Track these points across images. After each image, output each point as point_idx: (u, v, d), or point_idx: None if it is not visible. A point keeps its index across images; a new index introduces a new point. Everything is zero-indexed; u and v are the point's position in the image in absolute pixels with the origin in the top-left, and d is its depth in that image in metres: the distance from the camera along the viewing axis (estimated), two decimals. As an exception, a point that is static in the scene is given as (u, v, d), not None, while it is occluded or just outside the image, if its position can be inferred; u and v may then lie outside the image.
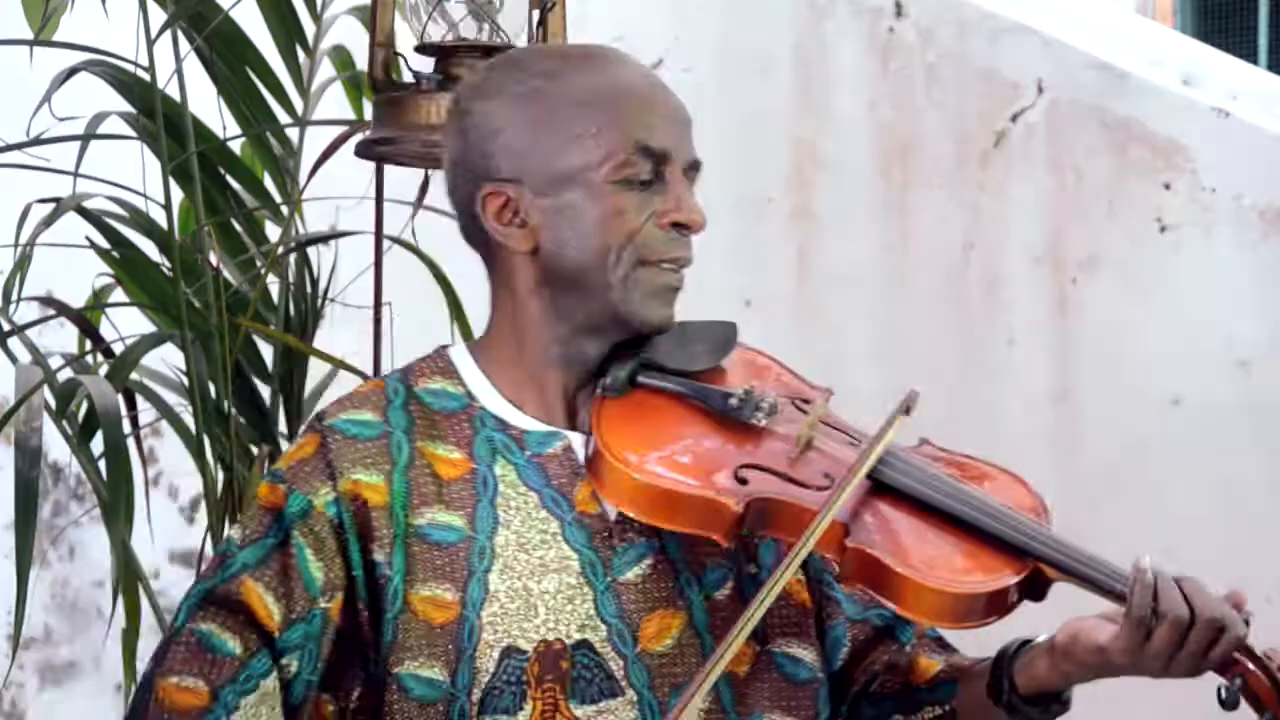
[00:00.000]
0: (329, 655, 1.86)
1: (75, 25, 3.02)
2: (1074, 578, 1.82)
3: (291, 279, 3.17)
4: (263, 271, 3.09)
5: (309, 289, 3.20)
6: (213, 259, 3.06)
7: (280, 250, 3.12)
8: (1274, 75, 3.92)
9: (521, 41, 2.79)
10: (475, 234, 1.91)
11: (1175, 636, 1.79)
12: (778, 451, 1.85)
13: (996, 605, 1.79)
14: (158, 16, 2.99)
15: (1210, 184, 3.60)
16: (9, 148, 2.92)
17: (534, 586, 1.85)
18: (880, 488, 1.84)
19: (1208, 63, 3.73)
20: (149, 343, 3.02)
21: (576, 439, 1.89)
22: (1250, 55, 6.48)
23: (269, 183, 3.23)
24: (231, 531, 1.92)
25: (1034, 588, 1.82)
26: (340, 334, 3.56)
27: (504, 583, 1.85)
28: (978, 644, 1.91)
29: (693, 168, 1.95)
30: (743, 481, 1.82)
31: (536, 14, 2.81)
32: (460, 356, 1.95)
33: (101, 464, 2.91)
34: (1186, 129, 3.62)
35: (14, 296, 3.00)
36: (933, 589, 1.77)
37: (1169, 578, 1.81)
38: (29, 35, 3.02)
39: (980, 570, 1.80)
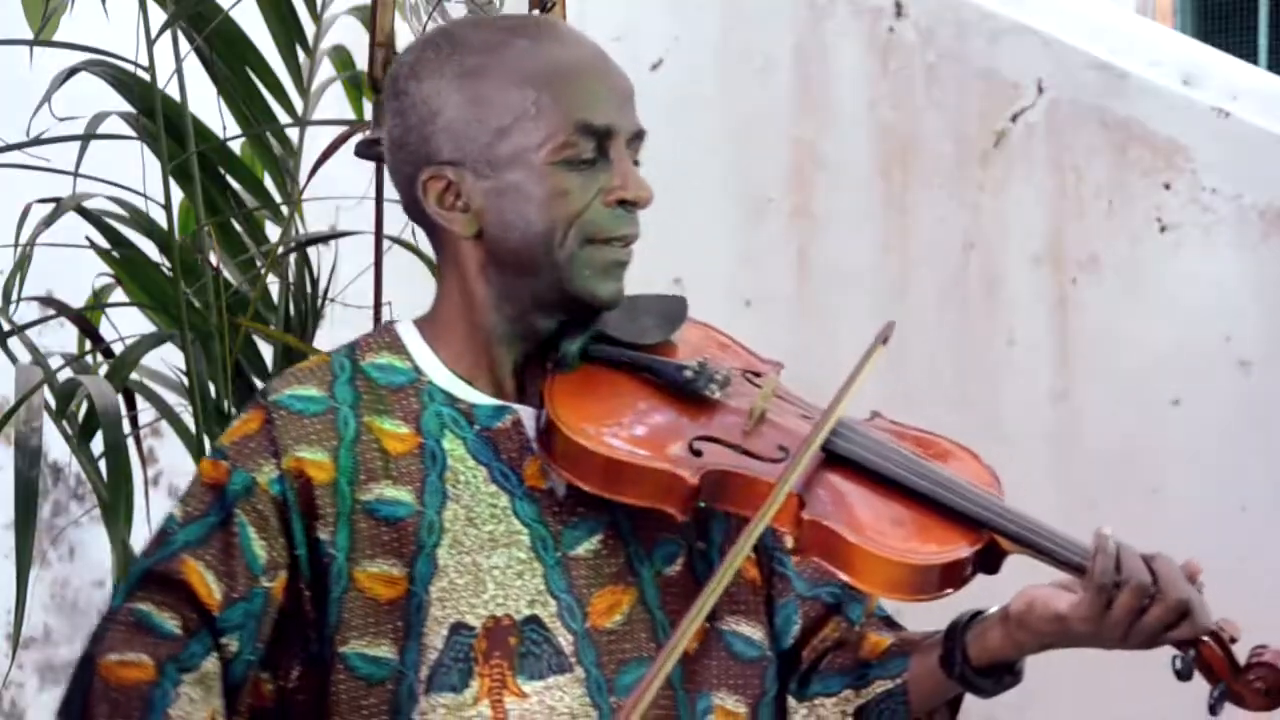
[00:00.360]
0: (270, 634, 1.84)
1: (75, 25, 3.02)
2: (1031, 549, 1.82)
3: (291, 279, 3.17)
4: (263, 271, 3.09)
5: (309, 289, 3.19)
6: (213, 259, 3.06)
7: (280, 250, 3.12)
8: (1274, 75, 3.92)
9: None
10: (419, 214, 1.90)
11: (1136, 604, 1.79)
12: (732, 424, 1.84)
13: (952, 577, 1.79)
14: (158, 16, 2.99)
15: (1210, 184, 3.60)
16: (9, 148, 2.91)
17: (483, 561, 1.83)
18: (834, 460, 1.83)
19: (1208, 63, 3.73)
20: (149, 343, 3.02)
21: (526, 413, 1.87)
22: (1250, 55, 6.48)
23: (269, 183, 3.23)
24: (172, 509, 1.88)
25: (989, 560, 1.82)
26: (340, 334, 3.55)
27: (452, 558, 1.83)
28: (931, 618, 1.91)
29: (637, 137, 1.90)
30: (697, 454, 1.81)
31: (536, 14, 2.81)
32: (407, 332, 1.93)
33: (101, 464, 2.90)
34: (1186, 129, 3.62)
35: (14, 296, 3.00)
36: (888, 560, 1.77)
37: (1131, 548, 1.81)
38: (29, 35, 3.02)
39: (935, 542, 1.79)
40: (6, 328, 2.99)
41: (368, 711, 1.83)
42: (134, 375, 3.03)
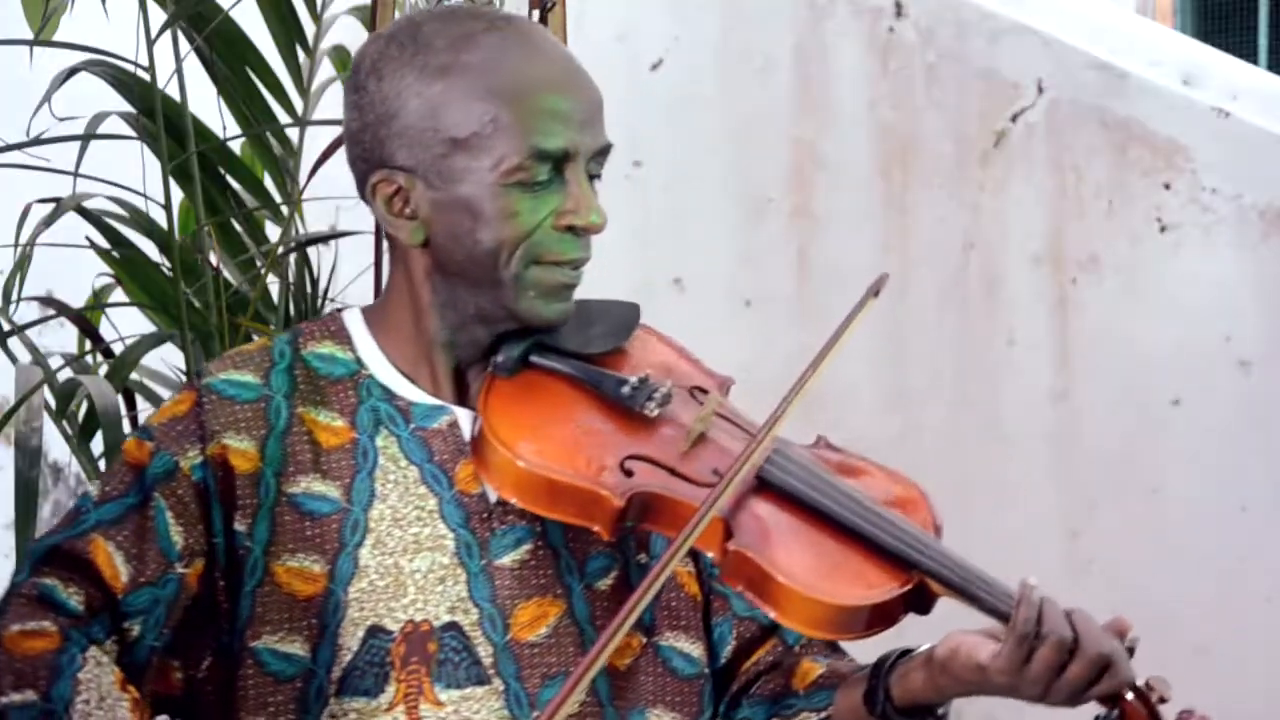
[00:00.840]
0: (180, 621, 1.80)
1: (75, 25, 3.02)
2: (959, 594, 1.76)
3: (291, 279, 3.17)
4: (263, 271, 3.09)
5: (309, 289, 3.19)
6: (213, 259, 3.05)
7: (280, 250, 3.12)
8: (1274, 75, 3.92)
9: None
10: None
11: (1056, 660, 1.72)
12: (668, 443, 1.80)
13: (880, 617, 1.74)
14: (158, 16, 2.98)
15: (1210, 184, 3.60)
16: (9, 148, 2.91)
17: (405, 564, 1.80)
18: (769, 487, 1.78)
19: (1208, 63, 3.73)
20: (149, 343, 3.01)
21: (464, 415, 1.85)
22: (1250, 55, 6.49)
23: (269, 183, 3.23)
24: (90, 486, 1.85)
25: (920, 601, 1.77)
26: (340, 334, 3.56)
27: (374, 559, 1.80)
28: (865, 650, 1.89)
29: (601, 154, 1.84)
30: (628, 473, 1.76)
31: (536, 14, 2.81)
32: (354, 321, 1.90)
33: (101, 464, 2.90)
34: (1186, 129, 3.62)
35: (14, 296, 3.00)
36: (812, 600, 1.72)
37: (1055, 602, 1.74)
38: (29, 35, 3.02)
39: (863, 581, 1.74)
40: (6, 328, 2.99)
41: (274, 709, 1.80)
42: (134, 375, 3.03)
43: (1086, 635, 1.72)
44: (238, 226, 3.17)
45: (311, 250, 3.24)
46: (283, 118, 3.17)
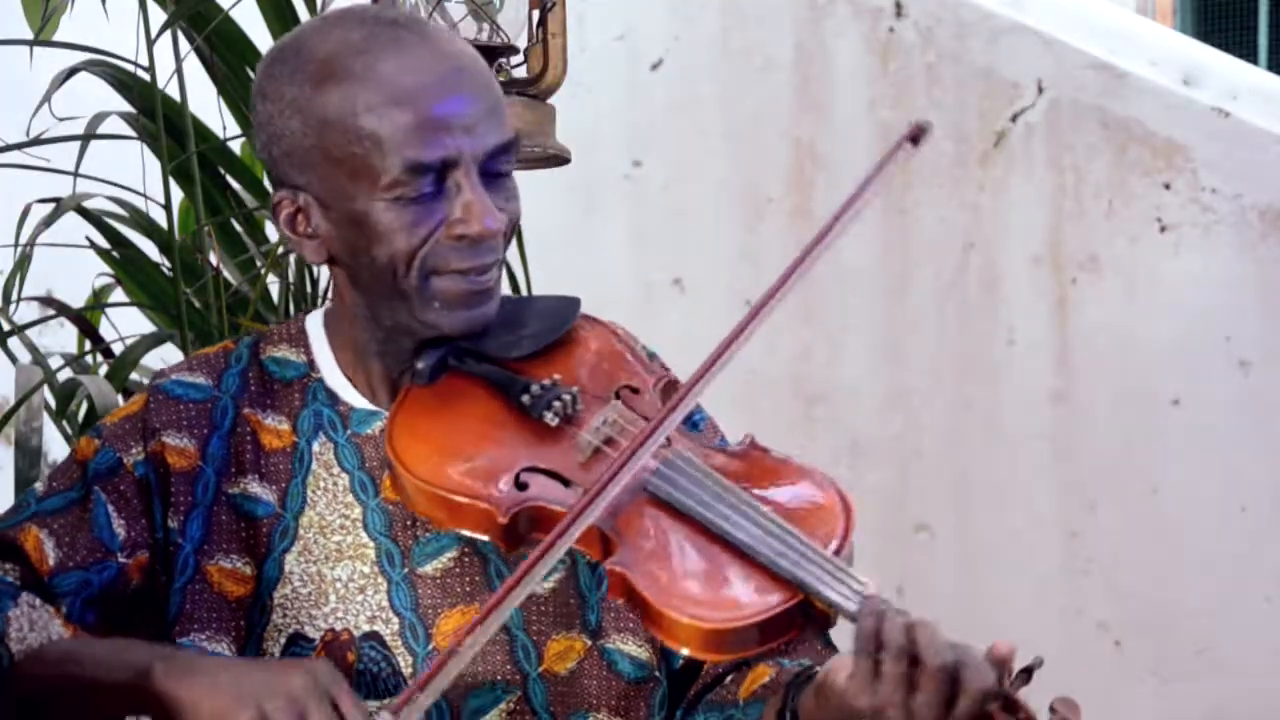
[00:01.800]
0: (125, 611, 1.81)
1: (75, 25, 3.02)
2: (839, 613, 1.66)
3: (291, 279, 3.17)
4: (263, 271, 3.09)
5: (309, 289, 3.19)
6: (213, 259, 3.05)
7: (280, 250, 3.12)
8: (1274, 75, 3.92)
9: (521, 41, 2.78)
10: None
11: (900, 673, 1.62)
12: (569, 453, 1.76)
13: (772, 632, 1.66)
14: (158, 16, 2.98)
15: (1210, 184, 3.60)
16: (9, 148, 2.91)
17: (327, 572, 1.80)
18: (655, 498, 1.72)
19: (1208, 63, 3.73)
20: (149, 343, 3.01)
21: None
22: (1250, 55, 6.49)
23: (269, 183, 3.23)
24: (37, 483, 1.88)
25: (815, 615, 1.68)
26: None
27: (299, 565, 1.80)
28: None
29: (499, 153, 1.79)
30: (522, 486, 1.73)
31: (536, 14, 2.81)
32: (314, 325, 1.90)
33: (101, 464, 2.90)
34: (1186, 129, 3.62)
35: (14, 296, 3.00)
36: (689, 624, 1.65)
37: (896, 615, 1.63)
38: (29, 35, 3.01)
39: (745, 598, 1.66)
40: (6, 328, 2.98)
41: None
42: (134, 375, 3.02)
43: (926, 646, 1.62)
44: (238, 226, 3.17)
45: (311, 250, 3.24)
46: (283, 118, 3.17)
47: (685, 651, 1.68)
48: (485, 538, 1.74)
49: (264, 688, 1.63)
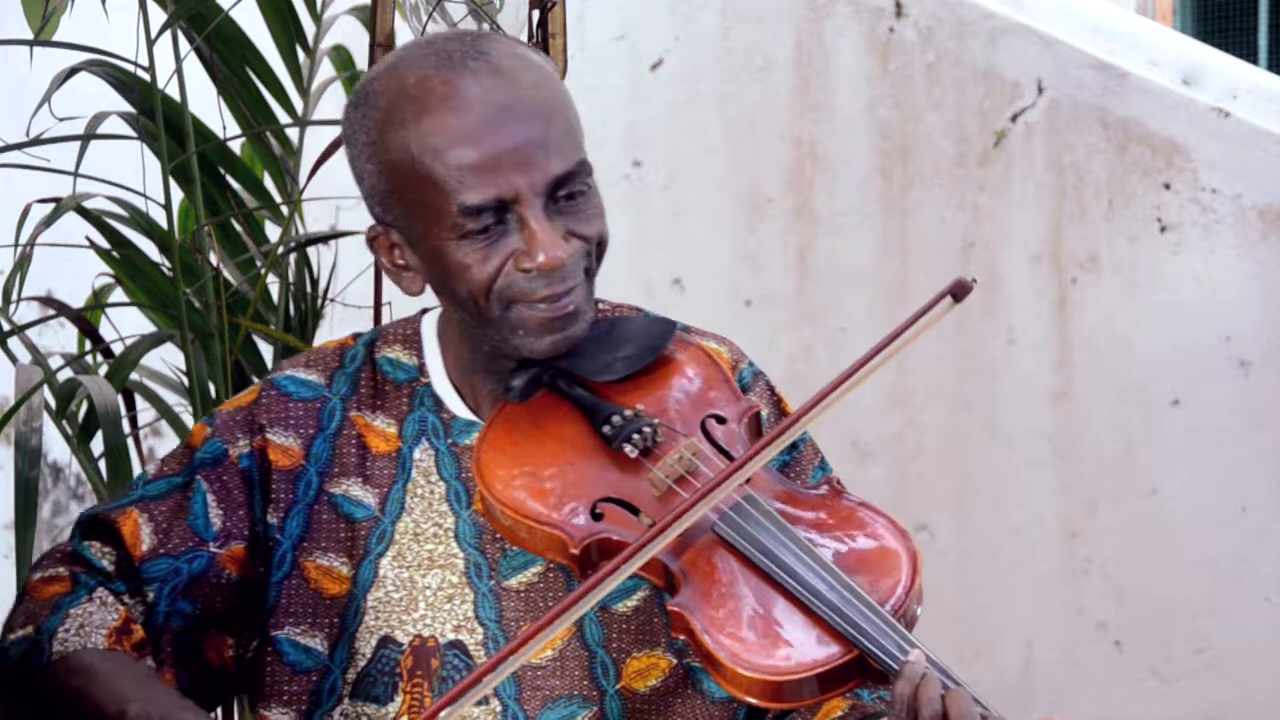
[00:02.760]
0: (220, 600, 1.87)
1: (75, 25, 3.01)
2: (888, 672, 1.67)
3: (291, 279, 3.17)
4: (263, 271, 3.09)
5: (309, 289, 3.19)
6: (213, 259, 3.05)
7: (280, 250, 3.12)
8: (1274, 75, 3.92)
9: (522, 39, 2.78)
10: None
11: None
12: (645, 485, 1.78)
13: (828, 684, 1.68)
14: (158, 16, 2.98)
15: (1210, 184, 3.60)
16: (9, 148, 2.91)
17: (419, 580, 1.84)
18: (723, 540, 1.74)
19: (1208, 63, 3.73)
20: (149, 343, 3.01)
21: None
22: (1250, 55, 6.48)
23: (269, 183, 3.23)
24: (149, 466, 1.94)
25: (874, 672, 1.69)
26: (340, 334, 3.56)
27: (393, 570, 1.84)
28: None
29: (565, 179, 1.80)
30: (598, 517, 1.75)
31: (536, 14, 2.81)
32: (429, 328, 1.95)
33: (101, 464, 2.90)
34: (1186, 129, 3.62)
35: (14, 296, 2.99)
36: (741, 673, 1.67)
37: (937, 680, 1.65)
38: (29, 35, 3.01)
39: (802, 650, 1.68)
40: (6, 328, 2.98)
41: (288, 697, 1.85)
42: (134, 375, 3.02)
43: (957, 716, 1.63)
44: (238, 226, 3.17)
45: (311, 250, 3.24)
46: (283, 118, 3.17)
47: (741, 697, 1.69)
48: (560, 562, 1.78)
49: None
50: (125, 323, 3.20)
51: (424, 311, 1.97)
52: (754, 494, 1.76)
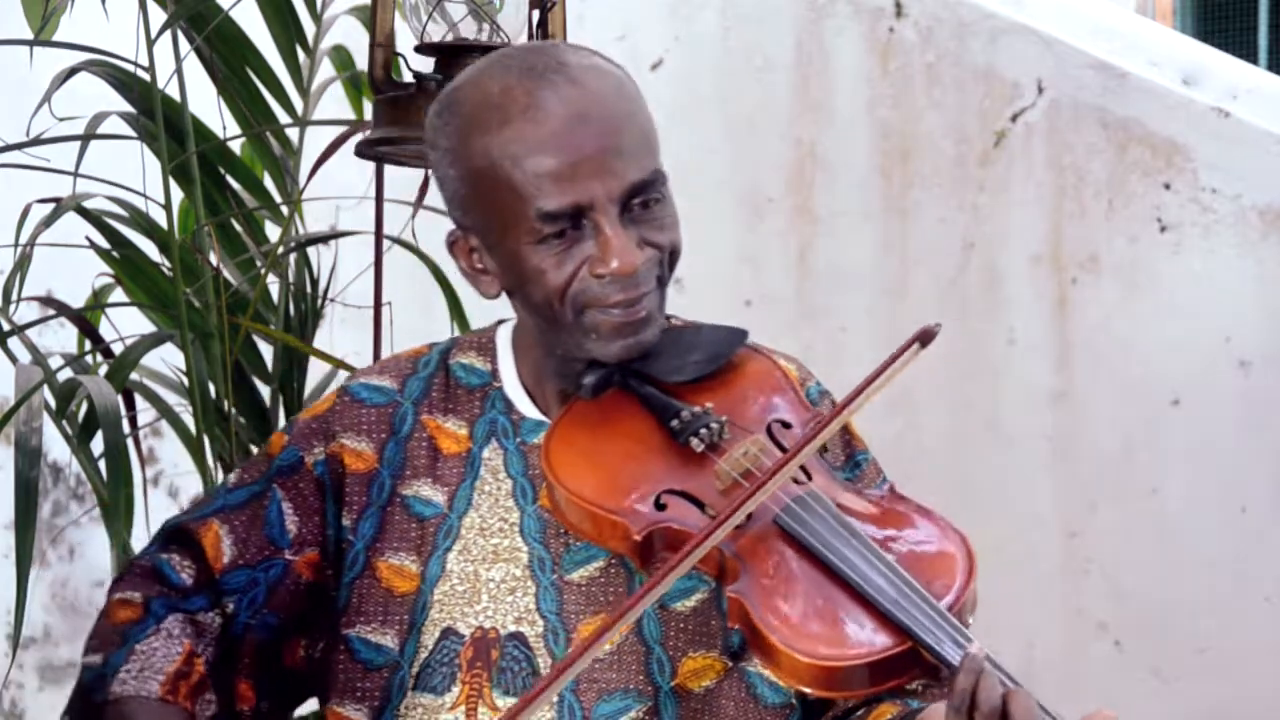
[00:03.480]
0: (297, 603, 1.92)
1: (75, 25, 3.02)
2: (943, 665, 1.69)
3: (291, 279, 3.17)
4: (263, 271, 3.09)
5: (309, 289, 3.19)
6: (213, 259, 3.05)
7: (280, 250, 3.12)
8: (1274, 75, 3.92)
9: (521, 41, 2.78)
10: None
11: None
12: (709, 479, 1.81)
13: (883, 675, 1.70)
14: (158, 16, 2.98)
15: (1210, 184, 3.60)
16: (9, 148, 2.91)
17: (483, 573, 1.87)
18: (784, 531, 1.77)
19: (1208, 63, 3.73)
20: (149, 343, 3.01)
21: None
22: (1250, 55, 6.48)
23: (269, 183, 3.23)
24: (231, 473, 1.99)
25: (927, 666, 1.71)
26: (340, 334, 3.57)
27: (459, 564, 1.88)
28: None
29: (641, 188, 1.84)
30: (661, 507, 1.79)
31: (536, 14, 2.81)
32: (503, 337, 2.00)
33: (101, 464, 2.90)
34: (1186, 129, 3.62)
35: (14, 296, 3.00)
36: (797, 659, 1.69)
37: (996, 678, 1.66)
38: (29, 35, 3.01)
39: (858, 639, 1.70)
40: (6, 328, 2.98)
41: (360, 694, 1.89)
42: (134, 375, 3.02)
43: (1018, 715, 1.64)
44: (238, 226, 3.17)
45: (311, 250, 3.24)
46: (283, 118, 3.17)
47: (794, 685, 1.71)
48: (621, 553, 1.82)
49: None
50: (125, 323, 3.20)
51: (500, 322, 2.02)
52: (816, 490, 1.80)
